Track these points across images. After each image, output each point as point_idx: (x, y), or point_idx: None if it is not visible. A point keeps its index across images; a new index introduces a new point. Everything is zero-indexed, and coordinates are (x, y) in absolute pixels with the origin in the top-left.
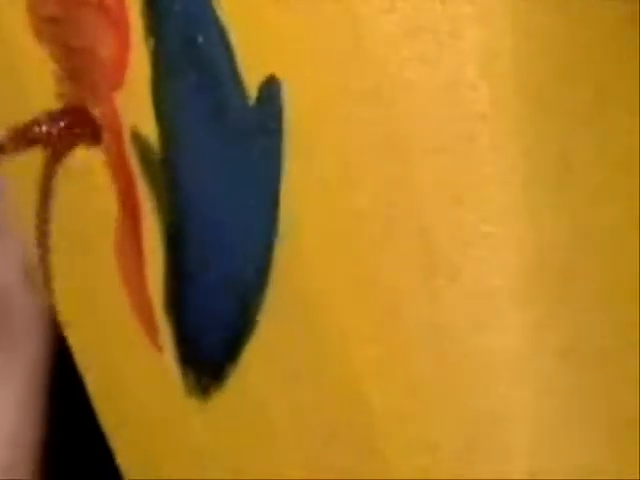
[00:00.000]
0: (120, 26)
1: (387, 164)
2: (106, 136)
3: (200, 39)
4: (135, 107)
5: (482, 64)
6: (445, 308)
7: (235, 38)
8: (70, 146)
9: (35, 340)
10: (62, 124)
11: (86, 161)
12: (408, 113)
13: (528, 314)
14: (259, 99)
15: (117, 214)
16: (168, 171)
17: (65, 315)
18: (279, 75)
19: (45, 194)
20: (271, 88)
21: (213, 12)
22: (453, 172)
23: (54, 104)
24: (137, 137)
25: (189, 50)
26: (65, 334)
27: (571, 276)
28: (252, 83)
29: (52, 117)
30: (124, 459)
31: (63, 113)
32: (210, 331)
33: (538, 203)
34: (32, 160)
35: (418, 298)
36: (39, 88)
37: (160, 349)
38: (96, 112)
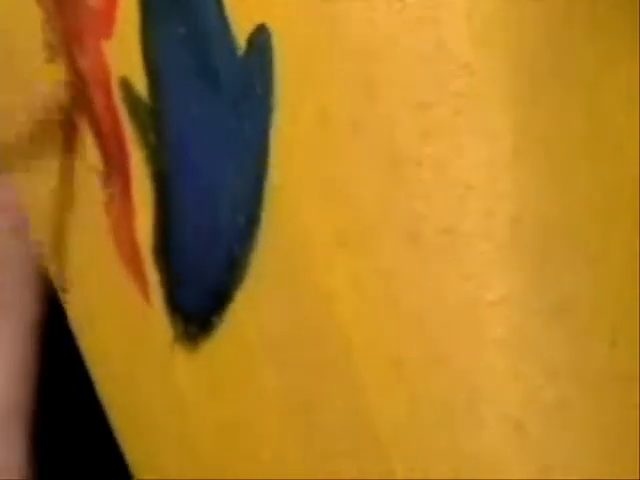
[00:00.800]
0: None
1: (371, 116)
2: (93, 86)
3: None
4: (124, 57)
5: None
6: None
7: None
8: None
9: (27, 301)
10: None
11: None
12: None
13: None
14: (248, 50)
15: (105, 167)
16: (157, 120)
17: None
18: (269, 25)
19: None
20: (261, 38)
21: None
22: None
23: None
24: (126, 86)
25: (178, 0)
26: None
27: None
28: (241, 33)
29: None
30: (114, 412)
31: None
32: (197, 280)
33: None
34: None
35: None
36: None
37: (149, 300)
38: (83, 62)
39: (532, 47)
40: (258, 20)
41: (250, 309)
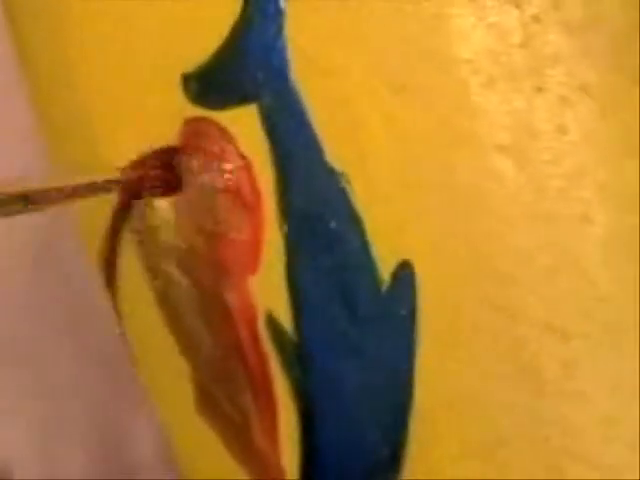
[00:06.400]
0: (255, 213)
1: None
2: (240, 322)
3: (333, 224)
4: (269, 292)
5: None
6: None
7: (368, 223)
8: (145, 192)
9: None
10: (142, 170)
11: None
12: None
13: None
14: (392, 285)
15: (251, 401)
16: (301, 354)
17: None
18: (411, 260)
19: (112, 245)
20: (404, 274)
21: (346, 198)
22: None
23: None
24: (271, 321)
25: (322, 235)
26: None
27: None
28: (385, 268)
29: (134, 164)
30: None
31: (145, 159)
32: None
33: None
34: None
35: None
36: None
37: None
38: (230, 297)
39: None
40: (401, 255)
41: None
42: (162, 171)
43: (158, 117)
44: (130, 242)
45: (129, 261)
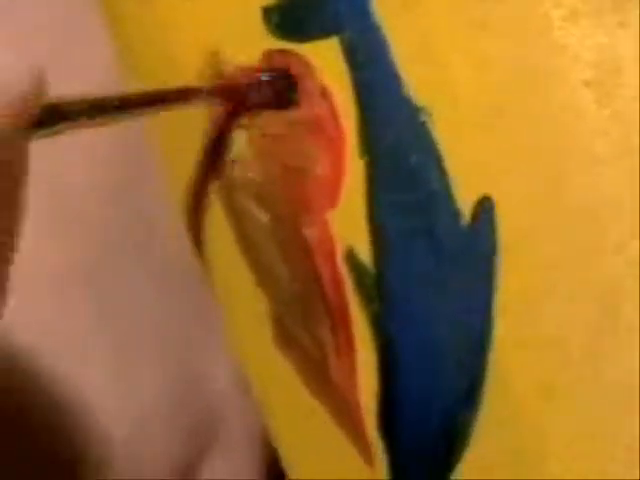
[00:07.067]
0: (336, 146)
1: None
2: (319, 256)
3: (413, 159)
4: (349, 226)
5: None
6: None
7: (448, 158)
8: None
9: (246, 453)
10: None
11: None
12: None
13: None
14: (473, 220)
15: (330, 335)
16: (381, 289)
17: (279, 431)
18: (492, 195)
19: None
20: (484, 209)
21: (426, 133)
22: None
23: None
24: (351, 256)
25: (403, 170)
26: (277, 451)
27: None
28: (465, 203)
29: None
30: None
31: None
32: (419, 461)
33: None
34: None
35: None
36: None
37: (372, 464)
38: (309, 231)
39: None
40: (481, 191)
41: None
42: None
43: (238, 48)
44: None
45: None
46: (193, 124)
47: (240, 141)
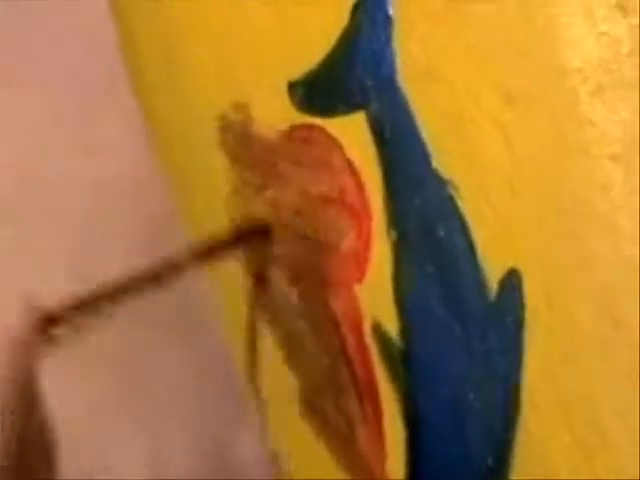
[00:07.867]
0: (362, 221)
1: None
2: (346, 328)
3: (441, 231)
4: (376, 300)
5: None
6: None
7: (475, 231)
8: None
9: None
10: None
11: None
12: None
13: None
14: (500, 294)
15: (357, 407)
16: (408, 361)
17: None
18: (519, 268)
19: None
20: (512, 284)
21: (453, 206)
22: None
23: None
24: (378, 329)
25: (430, 242)
26: None
27: None
28: (492, 276)
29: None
30: None
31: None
32: None
33: None
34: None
35: None
36: None
37: None
38: (337, 304)
39: None
40: (509, 263)
41: None
42: None
43: (262, 122)
44: None
45: None
46: None
47: None
